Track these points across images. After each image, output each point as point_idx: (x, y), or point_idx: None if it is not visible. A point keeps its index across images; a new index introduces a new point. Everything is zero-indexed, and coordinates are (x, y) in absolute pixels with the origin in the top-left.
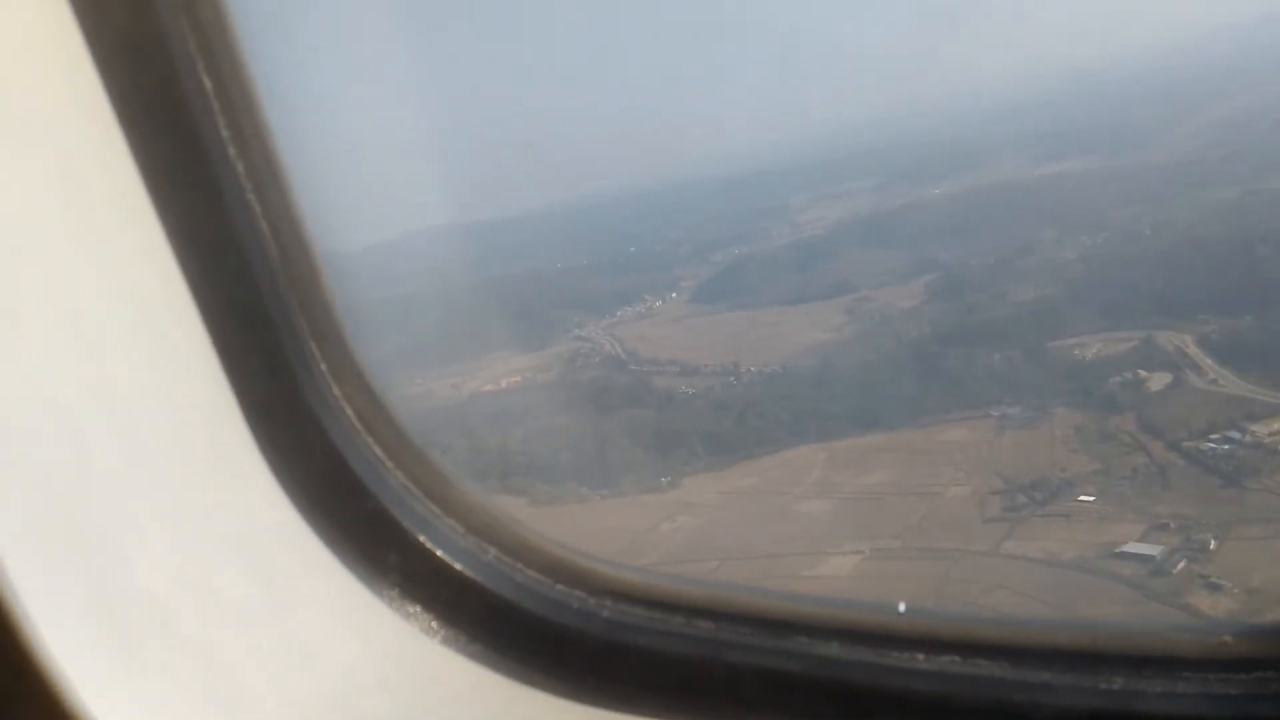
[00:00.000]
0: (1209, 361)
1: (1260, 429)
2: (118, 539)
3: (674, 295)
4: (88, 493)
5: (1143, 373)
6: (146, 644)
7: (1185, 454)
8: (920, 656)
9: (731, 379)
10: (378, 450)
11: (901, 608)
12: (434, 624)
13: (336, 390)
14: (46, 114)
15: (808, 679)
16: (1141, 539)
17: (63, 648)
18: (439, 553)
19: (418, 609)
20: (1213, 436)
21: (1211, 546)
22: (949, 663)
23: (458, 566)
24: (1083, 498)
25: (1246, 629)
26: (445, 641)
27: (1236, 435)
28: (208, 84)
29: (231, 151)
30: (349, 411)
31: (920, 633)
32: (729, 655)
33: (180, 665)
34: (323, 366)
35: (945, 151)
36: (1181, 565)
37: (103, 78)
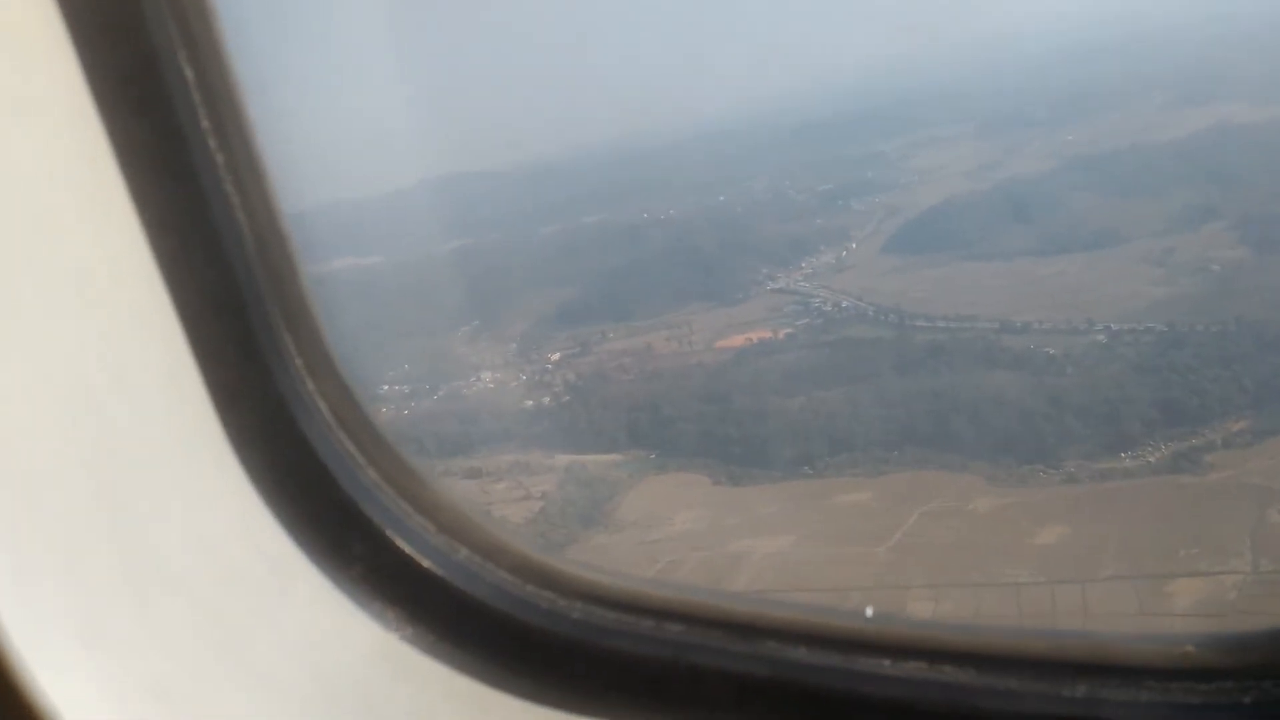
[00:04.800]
0: None
1: None
2: (82, 528)
3: (854, 246)
4: (52, 480)
5: None
6: (108, 633)
7: None
8: (887, 662)
9: (1101, 337)
10: (350, 446)
11: (869, 612)
12: (402, 622)
13: (310, 385)
14: (23, 100)
15: (775, 683)
16: None
17: (24, 635)
18: (409, 550)
19: (386, 606)
20: None
21: None
22: (915, 669)
23: (427, 564)
24: None
25: (1208, 639)
26: (413, 640)
27: None
28: (189, 74)
29: (212, 143)
30: (322, 406)
31: (888, 639)
32: (697, 658)
33: (141, 656)
34: (298, 361)
35: (1038, 97)
36: None
37: (83, 68)
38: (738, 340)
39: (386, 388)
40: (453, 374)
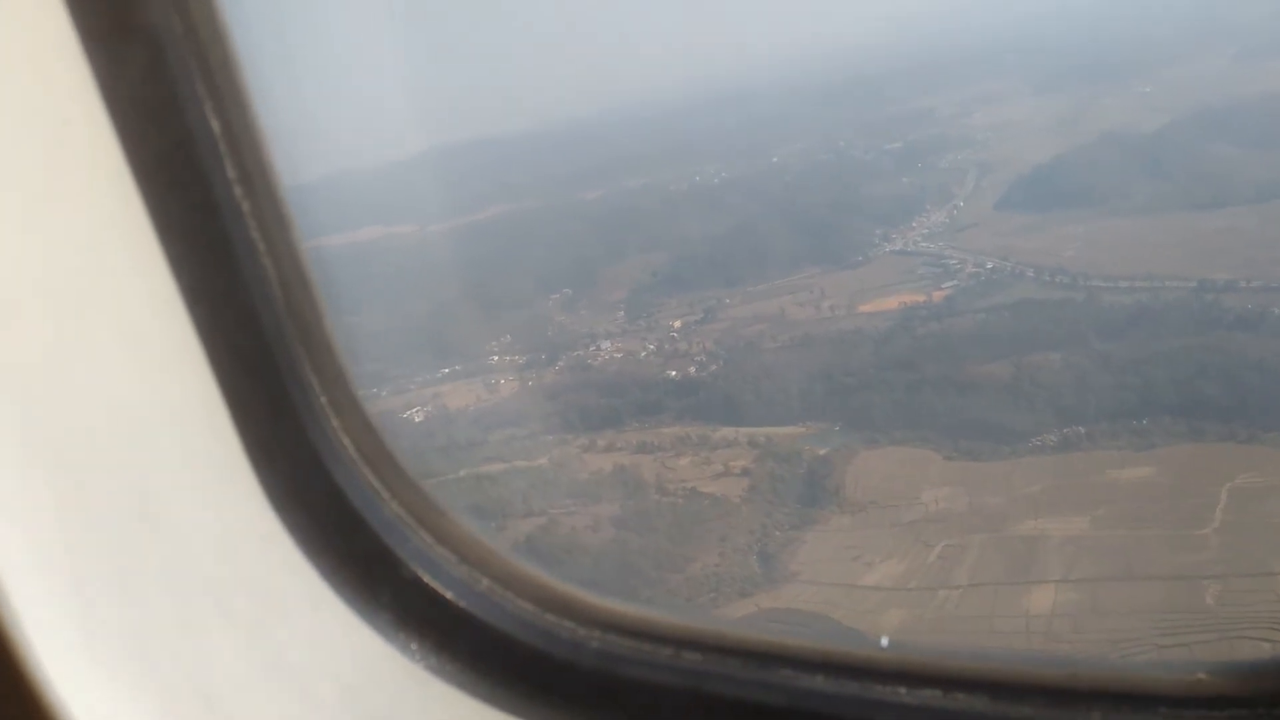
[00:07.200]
0: None
1: None
2: (115, 567)
3: (961, 204)
4: (87, 520)
5: None
6: (138, 669)
7: None
8: (902, 690)
9: None
10: (374, 481)
11: (884, 641)
12: (426, 652)
13: (335, 422)
14: (59, 163)
15: (792, 711)
16: None
17: (59, 667)
18: (432, 583)
19: (411, 637)
20: None
21: None
22: (930, 696)
23: (450, 596)
24: None
25: (1221, 667)
26: (436, 671)
27: None
28: (215, 126)
29: (238, 191)
30: (346, 443)
31: (903, 666)
32: (715, 687)
33: (170, 692)
34: (322, 398)
35: (1080, 52)
36: None
37: (124, 151)
38: (889, 303)
39: (495, 358)
40: (565, 343)
